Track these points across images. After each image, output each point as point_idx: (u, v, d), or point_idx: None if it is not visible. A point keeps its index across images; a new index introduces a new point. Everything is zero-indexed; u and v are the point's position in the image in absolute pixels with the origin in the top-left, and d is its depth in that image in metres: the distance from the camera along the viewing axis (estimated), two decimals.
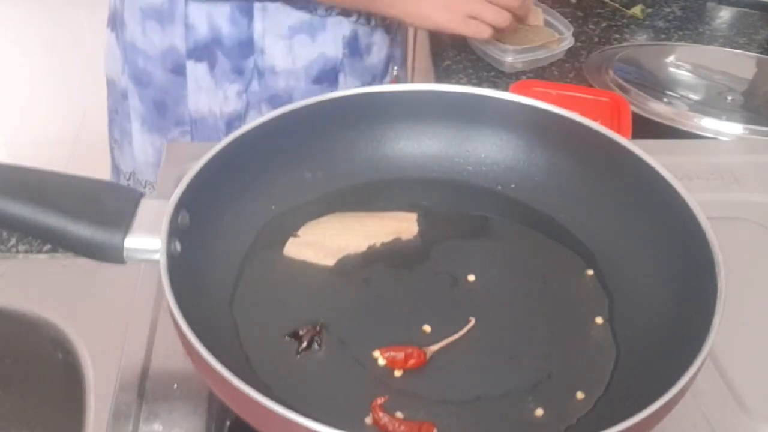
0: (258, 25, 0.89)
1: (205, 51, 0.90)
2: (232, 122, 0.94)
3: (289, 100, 0.93)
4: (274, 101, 0.93)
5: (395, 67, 1.05)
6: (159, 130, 0.97)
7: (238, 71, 0.91)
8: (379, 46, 0.97)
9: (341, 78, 0.95)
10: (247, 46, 0.90)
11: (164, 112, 0.95)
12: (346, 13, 0.91)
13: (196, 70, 0.91)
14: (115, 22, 0.96)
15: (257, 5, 0.88)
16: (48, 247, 0.68)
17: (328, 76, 0.94)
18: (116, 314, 0.59)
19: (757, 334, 0.60)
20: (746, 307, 0.59)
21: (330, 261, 0.57)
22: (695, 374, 0.43)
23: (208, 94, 0.93)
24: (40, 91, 2.74)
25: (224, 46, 0.90)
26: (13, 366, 0.64)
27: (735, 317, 0.48)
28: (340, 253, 0.57)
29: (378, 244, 0.58)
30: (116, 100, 1.01)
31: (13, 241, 0.69)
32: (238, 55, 0.90)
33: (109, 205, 0.49)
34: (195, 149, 0.72)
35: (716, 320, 0.44)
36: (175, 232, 0.49)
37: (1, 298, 0.63)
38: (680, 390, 0.42)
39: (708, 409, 0.53)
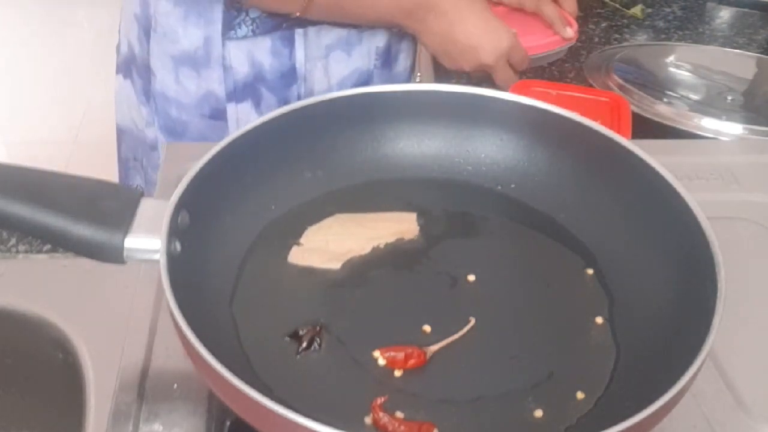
0: (299, 53, 0.87)
1: (246, 90, 0.87)
2: None
3: None
4: None
5: (419, 74, 1.04)
6: None
7: (284, 102, 0.88)
8: (405, 54, 0.97)
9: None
10: (290, 76, 0.88)
11: None
12: None
13: (238, 112, 0.88)
14: (129, 68, 0.92)
15: (298, 32, 0.86)
16: (48, 247, 0.68)
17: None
18: (116, 314, 0.59)
19: (757, 334, 0.60)
20: (746, 307, 0.59)
21: (336, 265, 0.57)
22: (695, 374, 0.43)
23: None
24: (40, 91, 2.74)
25: (267, 80, 0.87)
26: (13, 366, 0.64)
27: (735, 317, 0.48)
28: (345, 257, 0.57)
29: (381, 246, 0.58)
30: (131, 149, 0.97)
31: (13, 241, 0.69)
32: (282, 86, 0.88)
33: (109, 205, 0.49)
34: (195, 149, 0.72)
35: (716, 320, 0.44)
36: (175, 232, 0.49)
37: (1, 298, 0.63)
38: (680, 390, 0.42)
39: (708, 409, 0.53)
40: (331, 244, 0.58)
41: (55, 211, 0.47)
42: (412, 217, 0.60)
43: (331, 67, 0.90)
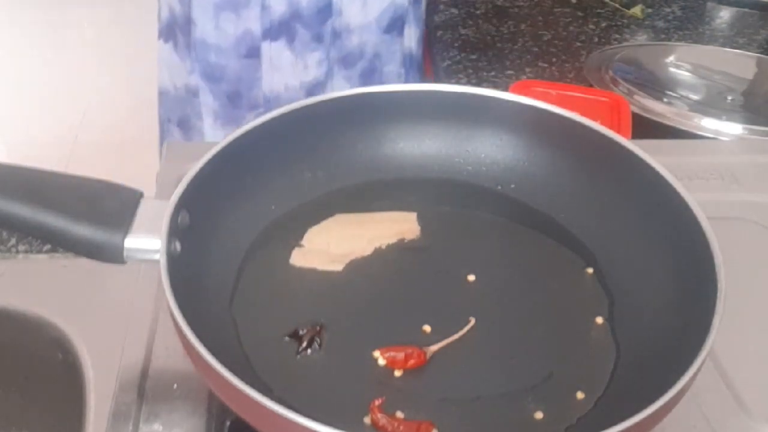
0: None
1: (282, 28, 0.91)
2: (312, 90, 0.96)
3: (360, 57, 0.95)
4: (347, 61, 0.95)
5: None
6: (234, 121, 0.98)
7: (318, 39, 0.92)
8: None
9: (406, 29, 0.97)
10: (325, 11, 0.91)
11: (238, 101, 0.97)
12: None
13: (271, 50, 0.92)
14: (173, 31, 0.97)
15: None
16: (48, 247, 0.68)
17: (396, 25, 0.95)
18: (116, 314, 0.59)
19: (757, 334, 0.60)
20: (746, 307, 0.59)
21: (338, 266, 0.57)
22: (695, 374, 0.43)
23: (283, 71, 0.94)
24: (40, 91, 2.74)
25: (303, 17, 0.91)
26: (13, 366, 0.64)
27: (735, 317, 0.48)
28: (347, 258, 0.57)
29: (383, 246, 0.58)
30: (168, 110, 1.02)
31: (13, 241, 0.69)
32: (318, 22, 0.91)
33: (109, 205, 0.49)
34: (195, 149, 0.72)
35: (716, 320, 0.44)
36: (175, 232, 0.49)
37: (1, 298, 0.63)
38: (680, 390, 0.42)
39: (708, 409, 0.53)
40: (333, 245, 0.58)
41: (55, 211, 0.47)
42: (412, 216, 0.60)
43: (369, 1, 0.92)
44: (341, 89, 0.93)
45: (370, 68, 0.97)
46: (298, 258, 0.57)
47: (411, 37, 0.99)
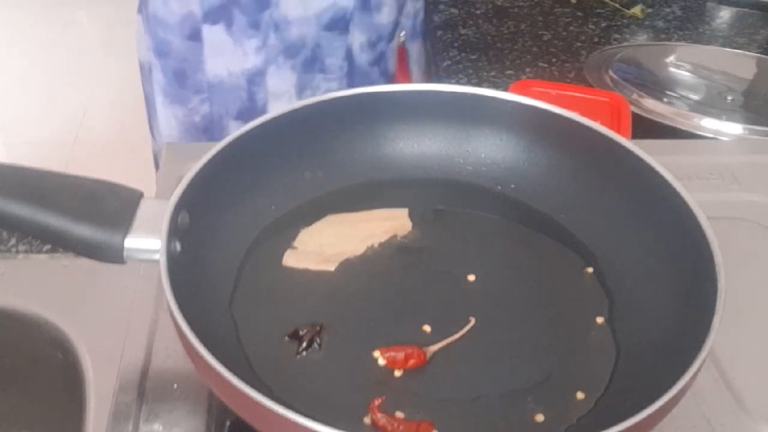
0: None
1: (220, 11, 0.92)
2: (253, 78, 0.96)
3: (303, 49, 0.95)
4: (290, 52, 0.95)
5: (403, 32, 1.05)
6: (180, 101, 0.98)
7: (255, 26, 0.92)
8: (389, 7, 0.98)
9: (351, 28, 0.96)
10: (263, 1, 0.91)
11: (183, 81, 0.97)
12: None
13: (212, 33, 0.93)
14: (142, 3, 0.98)
15: None
16: (48, 247, 0.68)
17: (338, 24, 0.95)
18: (116, 314, 0.59)
19: (757, 334, 0.60)
20: (746, 307, 0.59)
21: (331, 267, 0.57)
22: (695, 374, 0.43)
23: (225, 56, 0.94)
24: (40, 91, 2.74)
25: (241, 3, 0.91)
26: (13, 366, 0.64)
27: (735, 317, 0.48)
28: (339, 258, 0.57)
29: (376, 245, 0.58)
30: (143, 83, 1.03)
31: (13, 241, 0.69)
32: (255, 9, 0.92)
33: (109, 205, 0.49)
34: (195, 149, 0.72)
35: (716, 320, 0.44)
36: (175, 232, 0.49)
37: (1, 298, 0.63)
38: (680, 390, 0.42)
39: (708, 409, 0.53)
40: (326, 247, 0.58)
41: (55, 211, 0.47)
42: (403, 212, 0.60)
43: None
44: (284, 78, 0.95)
45: (312, 57, 0.97)
46: (291, 259, 0.57)
47: (355, 40, 0.98)
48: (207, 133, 0.99)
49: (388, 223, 0.60)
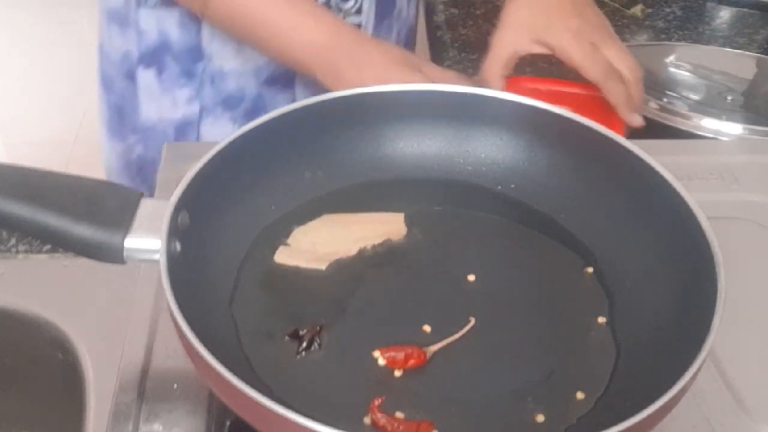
0: (206, 32, 0.87)
1: (154, 57, 0.89)
2: (182, 128, 0.92)
3: (243, 101, 0.91)
4: (229, 103, 0.91)
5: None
6: (119, 137, 0.96)
7: (188, 75, 0.89)
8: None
9: (297, 83, 0.91)
10: (196, 52, 0.88)
11: (123, 117, 0.95)
12: None
13: (145, 77, 0.90)
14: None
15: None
16: (48, 247, 0.68)
17: (279, 80, 0.90)
18: (116, 314, 0.59)
19: (757, 334, 0.60)
20: (746, 307, 0.59)
21: (322, 265, 0.57)
22: (695, 374, 0.43)
23: (157, 101, 0.91)
24: (40, 91, 2.74)
25: (173, 50, 0.88)
26: (13, 366, 0.64)
27: (735, 317, 0.48)
28: (331, 257, 0.57)
29: (368, 247, 0.58)
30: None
31: (13, 241, 0.69)
32: (188, 59, 0.89)
33: (109, 205, 0.49)
34: (195, 149, 0.71)
35: (716, 320, 0.44)
36: (175, 232, 0.48)
37: (1, 298, 0.63)
38: (680, 390, 0.42)
39: (708, 409, 0.53)
40: (318, 245, 0.58)
41: (55, 211, 0.47)
42: (399, 217, 0.60)
43: (247, 50, 0.87)
44: (223, 129, 0.90)
45: (254, 108, 0.91)
46: (283, 256, 0.57)
47: (301, 93, 0.91)
48: (141, 173, 0.96)
49: (382, 227, 0.59)
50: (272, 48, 0.80)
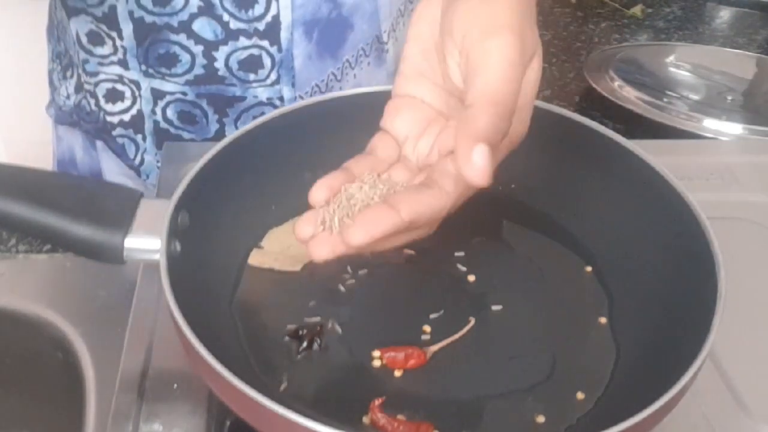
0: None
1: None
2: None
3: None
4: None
5: None
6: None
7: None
8: None
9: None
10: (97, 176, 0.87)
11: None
12: None
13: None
14: None
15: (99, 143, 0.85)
16: (48, 247, 0.68)
17: None
18: (116, 314, 0.59)
19: (757, 334, 0.60)
20: (746, 307, 0.59)
21: (297, 267, 0.56)
22: (695, 374, 0.43)
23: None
24: (41, 91, 2.73)
25: (79, 171, 0.88)
26: (13, 366, 0.64)
27: (735, 317, 0.48)
28: (305, 259, 0.56)
29: None
30: None
31: (13, 241, 0.69)
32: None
33: (109, 205, 0.49)
34: (195, 149, 0.72)
35: (716, 320, 0.44)
36: (175, 232, 0.48)
37: (1, 298, 0.63)
38: (680, 390, 0.42)
39: (708, 409, 0.53)
40: (292, 248, 0.57)
41: (55, 211, 0.47)
42: None
43: None
44: None
45: None
46: (256, 258, 0.57)
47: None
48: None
49: None
50: None
